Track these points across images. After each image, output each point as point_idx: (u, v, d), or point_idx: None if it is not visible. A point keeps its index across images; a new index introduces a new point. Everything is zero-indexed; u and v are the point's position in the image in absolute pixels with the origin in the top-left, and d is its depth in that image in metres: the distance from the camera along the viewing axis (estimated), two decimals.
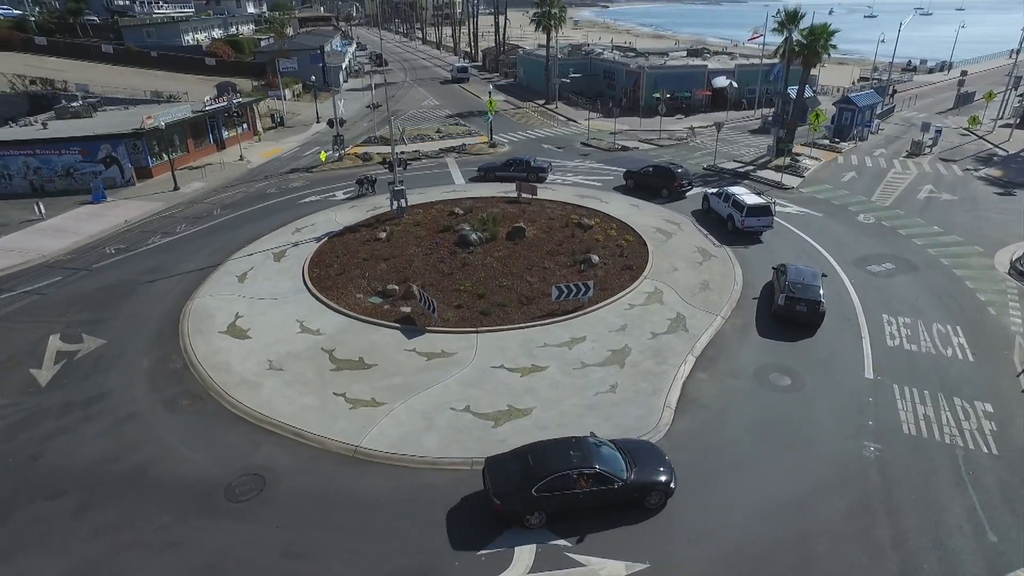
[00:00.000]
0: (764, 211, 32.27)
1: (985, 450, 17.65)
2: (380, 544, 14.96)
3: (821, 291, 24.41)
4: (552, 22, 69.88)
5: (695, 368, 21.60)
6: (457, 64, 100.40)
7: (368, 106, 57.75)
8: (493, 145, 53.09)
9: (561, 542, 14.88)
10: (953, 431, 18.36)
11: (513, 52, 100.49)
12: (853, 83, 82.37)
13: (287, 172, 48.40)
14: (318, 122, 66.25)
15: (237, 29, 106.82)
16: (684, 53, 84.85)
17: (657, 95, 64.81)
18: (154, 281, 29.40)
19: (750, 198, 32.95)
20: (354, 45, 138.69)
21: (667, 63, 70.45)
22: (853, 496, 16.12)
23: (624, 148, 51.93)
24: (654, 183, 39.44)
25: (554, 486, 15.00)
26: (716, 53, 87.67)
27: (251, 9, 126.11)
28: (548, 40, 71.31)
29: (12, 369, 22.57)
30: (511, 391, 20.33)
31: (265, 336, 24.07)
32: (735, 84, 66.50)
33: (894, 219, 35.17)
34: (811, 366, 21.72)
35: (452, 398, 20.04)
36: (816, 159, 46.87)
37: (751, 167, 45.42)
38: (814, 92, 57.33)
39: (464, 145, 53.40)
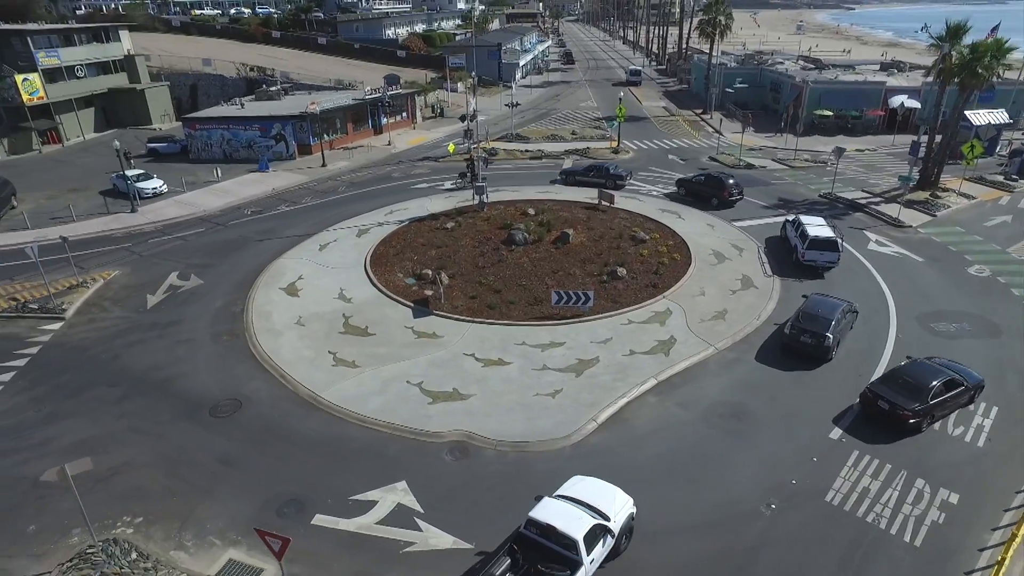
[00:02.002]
0: (829, 245, 29.86)
1: (907, 539, 15.89)
2: (285, 471, 18.24)
3: (834, 325, 22.99)
4: (716, 30, 67.46)
5: (650, 392, 21.70)
6: (631, 67, 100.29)
7: (507, 105, 61.34)
8: (616, 151, 53.69)
9: (417, 507, 16.89)
10: (884, 511, 16.66)
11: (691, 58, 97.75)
12: None
13: (419, 159, 53.94)
14: (474, 116, 71.72)
15: (439, 24, 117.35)
16: (878, 67, 76.18)
17: (820, 112, 60.07)
18: (262, 241, 35.87)
19: (817, 229, 30.61)
20: (549, 42, 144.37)
21: (838, 78, 64.28)
22: (716, 545, 15.77)
23: (749, 166, 49.40)
24: (704, 191, 39.85)
25: None
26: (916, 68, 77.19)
27: (461, 5, 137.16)
28: (711, 48, 69.01)
29: (137, 292, 29.79)
30: (465, 377, 22.36)
31: (309, 296, 28.69)
32: (917, 104, 58.79)
33: (1016, 275, 30.02)
34: (775, 411, 20.62)
35: (413, 373, 22.66)
36: (969, 197, 40.62)
37: (877, 199, 40.86)
38: (1003, 121, 48.76)
39: (588, 149, 54.68)
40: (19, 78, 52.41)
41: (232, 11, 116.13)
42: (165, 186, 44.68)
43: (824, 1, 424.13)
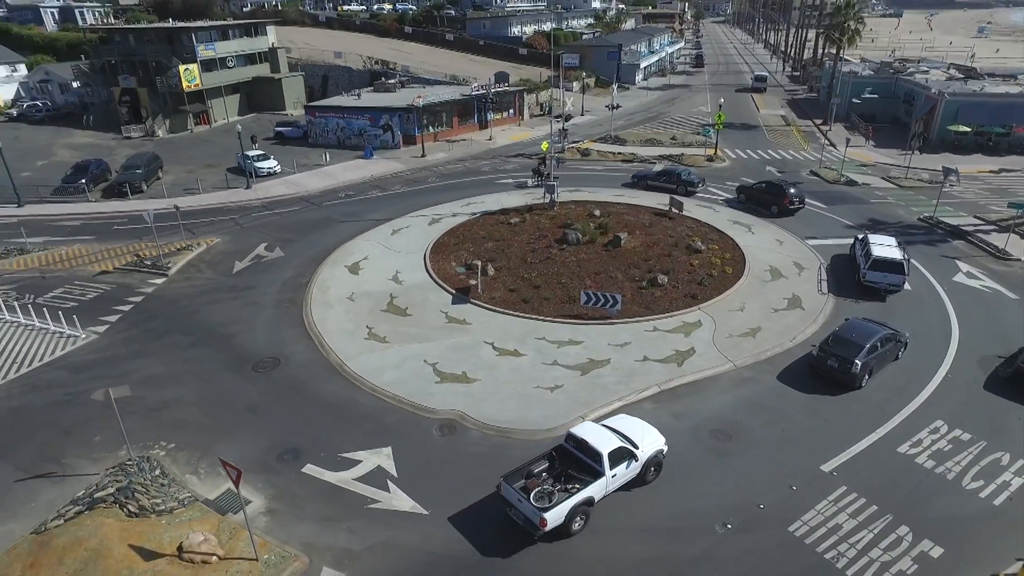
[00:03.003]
0: (894, 267, 28.08)
1: None
2: (295, 424, 20.69)
3: (866, 351, 21.93)
4: (844, 36, 62.95)
5: (650, 399, 21.85)
6: (756, 72, 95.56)
7: (607, 107, 61.36)
8: (711, 159, 52.24)
9: (393, 471, 18.59)
10: (849, 551, 15.91)
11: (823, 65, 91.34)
12: None
13: (512, 155, 55.75)
14: (581, 115, 72.42)
15: (568, 23, 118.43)
16: None
17: (956, 128, 54.53)
18: (345, 222, 39.34)
19: (883, 249, 28.86)
20: (681, 44, 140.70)
21: (983, 89, 57.67)
22: (656, 552, 15.97)
23: (850, 183, 46.18)
24: (765, 198, 39.81)
25: None
26: None
27: (596, 4, 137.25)
28: (836, 55, 64.53)
29: (228, 258, 34.13)
30: (477, 363, 23.75)
31: (367, 275, 31.38)
32: None
33: None
34: (772, 434, 20.05)
35: (433, 354, 24.40)
36: None
37: (989, 227, 36.79)
38: None
39: (683, 155, 53.64)
40: (182, 68, 60.59)
41: (375, 7, 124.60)
42: (279, 166, 50.01)
43: None
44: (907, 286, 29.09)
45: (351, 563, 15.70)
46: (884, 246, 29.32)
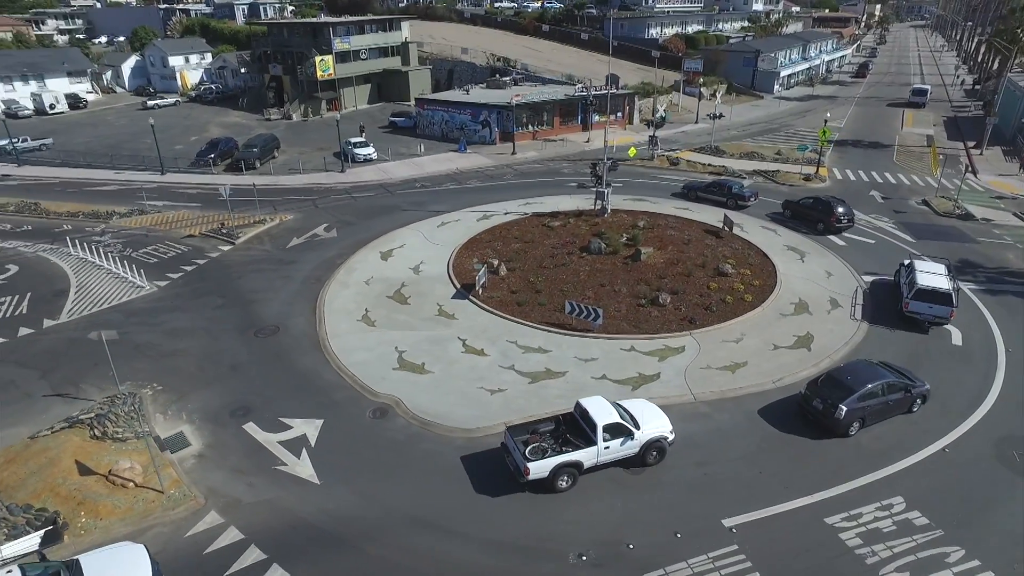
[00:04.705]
0: (940, 299, 25.40)
1: None
2: (261, 387, 23.15)
3: (855, 398, 20.08)
4: (1016, 46, 54.07)
5: None
6: (916, 85, 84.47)
7: (709, 116, 58.13)
8: (808, 178, 47.96)
9: (312, 442, 20.27)
10: None
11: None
12: None
13: (600, 159, 55.13)
14: (696, 123, 69.41)
15: (718, 26, 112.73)
16: None
17: None
18: (407, 211, 41.86)
19: (929, 278, 26.09)
20: (848, 51, 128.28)
21: None
22: (494, 563, 16.08)
23: (965, 216, 40.12)
24: (811, 215, 37.75)
25: None
26: None
27: (757, 7, 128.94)
28: (1002, 68, 55.59)
29: (289, 234, 37.98)
30: (441, 356, 24.72)
31: (394, 263, 33.44)
32: None
33: None
34: (687, 474, 18.89)
35: (406, 342, 25.77)
36: None
37: None
38: None
39: (778, 171, 49.78)
40: (317, 59, 67.33)
41: (522, 5, 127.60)
42: (375, 153, 54.06)
43: None
44: (957, 339, 25.37)
45: (234, 511, 17.64)
46: (931, 274, 26.61)
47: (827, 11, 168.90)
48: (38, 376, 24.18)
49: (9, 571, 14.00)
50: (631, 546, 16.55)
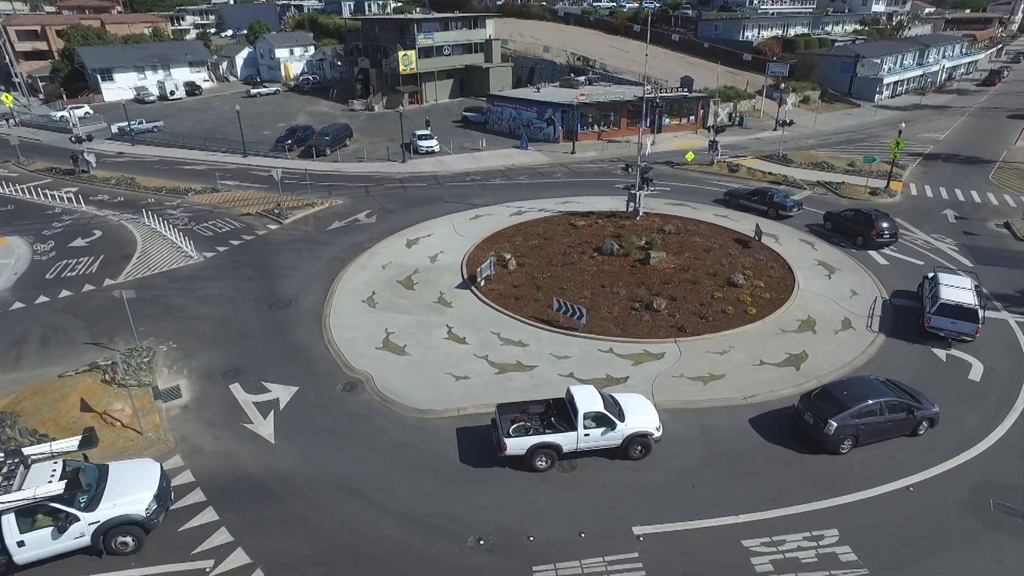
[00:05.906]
0: (965, 315, 23.97)
1: None
2: (258, 353, 25.36)
3: (849, 414, 19.41)
4: None
5: None
6: None
7: (780, 122, 54.99)
8: (875, 192, 44.67)
9: (281, 406, 22.09)
10: None
11: None
12: None
13: (661, 162, 54.12)
14: (774, 129, 66.07)
15: (826, 28, 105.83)
16: None
17: None
18: (448, 203, 43.40)
19: (953, 292, 24.58)
20: (980, 56, 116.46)
21: None
22: (400, 535, 16.97)
23: None
24: (851, 228, 36.06)
25: None
26: None
27: (876, 7, 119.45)
28: None
29: (332, 218, 40.59)
30: (422, 340, 25.89)
31: (416, 251, 34.99)
32: None
33: None
34: (616, 481, 18.84)
35: (397, 325, 27.16)
36: None
37: None
38: None
39: (843, 183, 46.71)
40: (400, 54, 70.61)
41: (622, 5, 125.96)
42: (438, 146, 56.14)
43: None
44: (976, 373, 23.28)
45: (194, 458, 19.74)
46: (956, 288, 24.98)
47: (968, 11, 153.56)
48: (84, 326, 27.81)
49: (56, 462, 16.86)
50: (531, 538, 16.90)
